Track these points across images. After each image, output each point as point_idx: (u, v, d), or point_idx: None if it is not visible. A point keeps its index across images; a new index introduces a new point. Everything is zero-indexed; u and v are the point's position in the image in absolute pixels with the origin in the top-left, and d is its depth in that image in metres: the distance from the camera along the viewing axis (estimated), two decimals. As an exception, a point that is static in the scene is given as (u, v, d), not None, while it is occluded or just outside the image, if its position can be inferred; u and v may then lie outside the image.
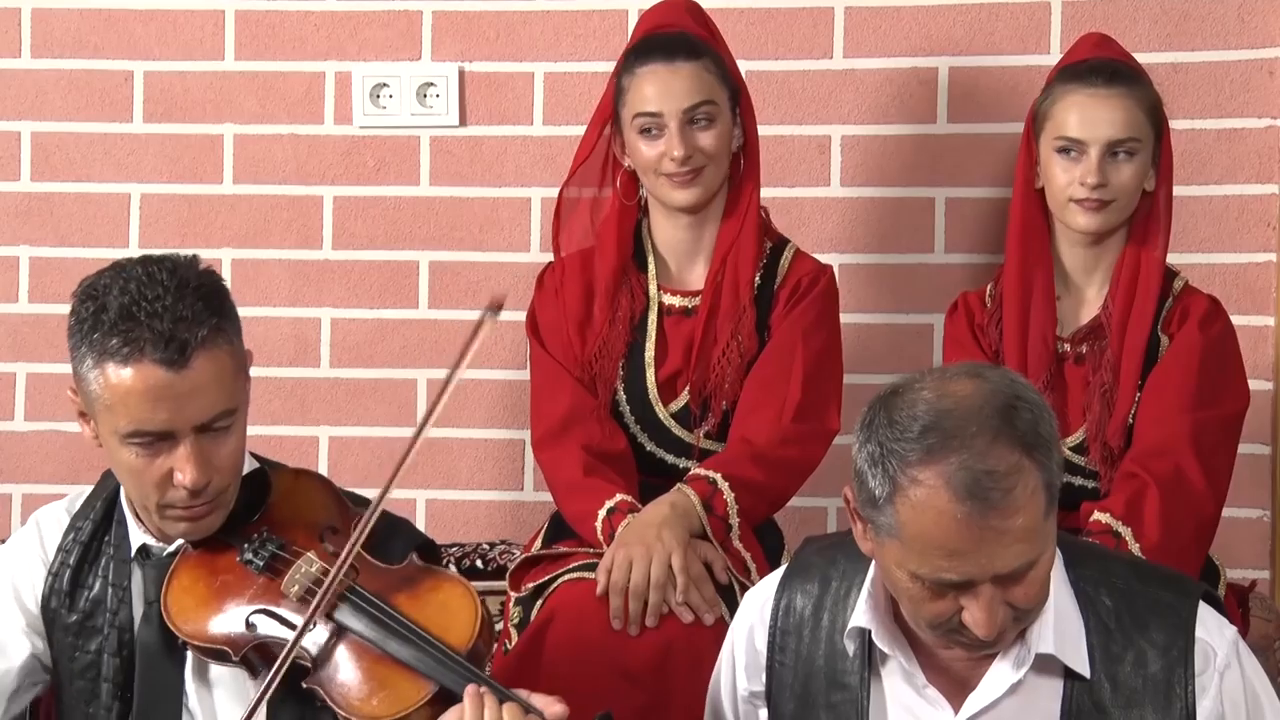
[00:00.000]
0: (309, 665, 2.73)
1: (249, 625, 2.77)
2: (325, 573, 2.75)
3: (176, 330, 2.67)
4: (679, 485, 3.44)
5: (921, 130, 4.13)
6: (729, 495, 3.42)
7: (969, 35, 4.11)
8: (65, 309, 4.08)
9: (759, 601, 2.78)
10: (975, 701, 2.54)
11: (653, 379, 3.60)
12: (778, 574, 2.80)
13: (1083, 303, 3.59)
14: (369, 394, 4.25)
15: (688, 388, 3.60)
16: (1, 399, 4.30)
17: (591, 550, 3.42)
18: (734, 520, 3.42)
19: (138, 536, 2.89)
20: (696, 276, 3.65)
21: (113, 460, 2.80)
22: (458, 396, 4.14)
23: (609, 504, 3.43)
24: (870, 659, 2.63)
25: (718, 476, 3.44)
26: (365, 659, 2.73)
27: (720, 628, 3.21)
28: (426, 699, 2.68)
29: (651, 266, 3.67)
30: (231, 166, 4.27)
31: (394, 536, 2.91)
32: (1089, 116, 3.48)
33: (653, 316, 3.64)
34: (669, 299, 3.65)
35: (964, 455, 2.34)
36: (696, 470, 3.48)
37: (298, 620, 2.72)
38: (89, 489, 3.02)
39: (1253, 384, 3.61)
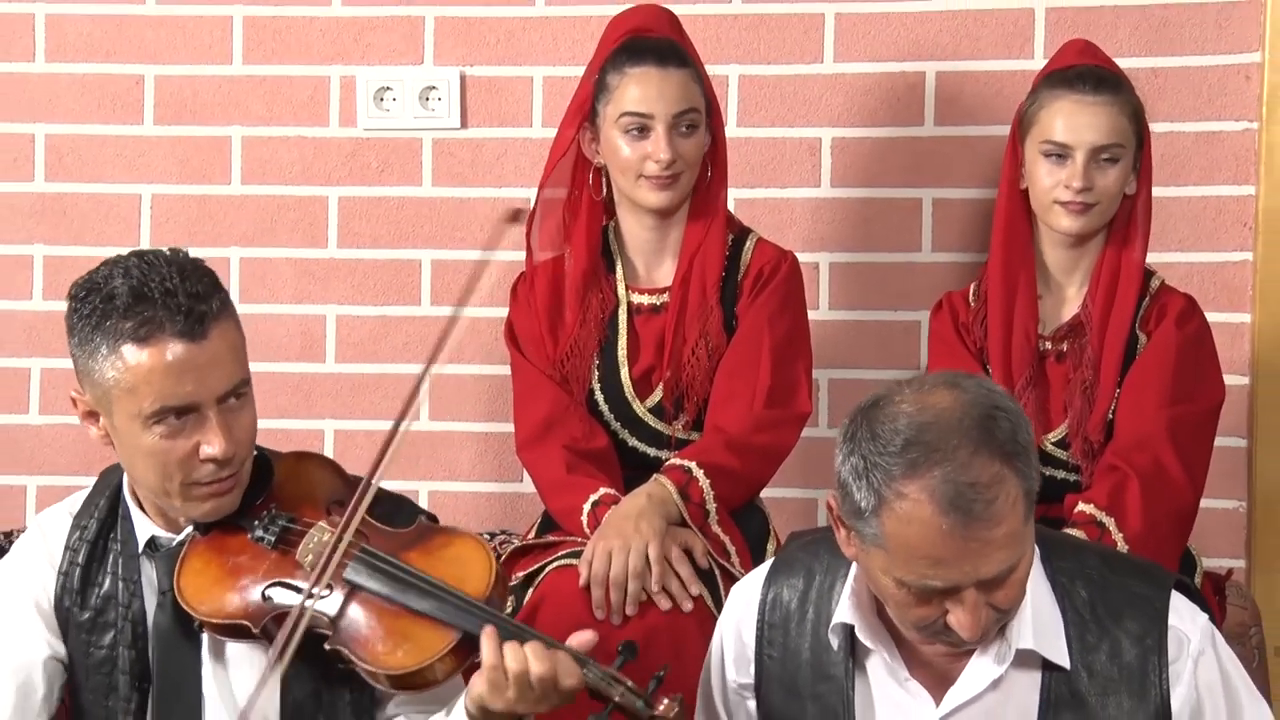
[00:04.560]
0: (328, 631, 2.72)
1: (265, 598, 2.75)
2: (339, 537, 2.73)
3: (193, 305, 2.67)
4: (656, 476, 3.45)
5: (909, 133, 4.13)
6: (704, 483, 3.43)
7: (955, 41, 4.11)
8: (77, 306, 4.21)
9: (746, 596, 2.79)
10: (956, 695, 2.56)
11: (627, 376, 3.61)
12: (764, 569, 2.80)
13: (1063, 301, 3.59)
14: (373, 388, 4.25)
15: (662, 384, 3.61)
16: (16, 393, 4.32)
17: (578, 539, 3.44)
18: (711, 506, 3.44)
19: (145, 529, 2.87)
20: (664, 274, 3.66)
21: (131, 450, 2.76)
22: (459, 391, 4.22)
23: (593, 498, 3.45)
24: (854, 652, 2.64)
25: (693, 465, 3.44)
26: (385, 615, 2.73)
27: (700, 611, 3.30)
28: (450, 646, 2.68)
29: (619, 267, 3.68)
30: (239, 167, 4.27)
31: (399, 509, 2.91)
32: (1075, 122, 3.49)
33: (623, 315, 3.65)
34: (637, 298, 3.65)
35: (946, 468, 2.34)
36: (673, 460, 3.49)
37: (316, 588, 2.72)
38: (81, 493, 3.02)
39: (1230, 379, 3.64)
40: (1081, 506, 3.36)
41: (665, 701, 2.61)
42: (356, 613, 2.73)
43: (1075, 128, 3.48)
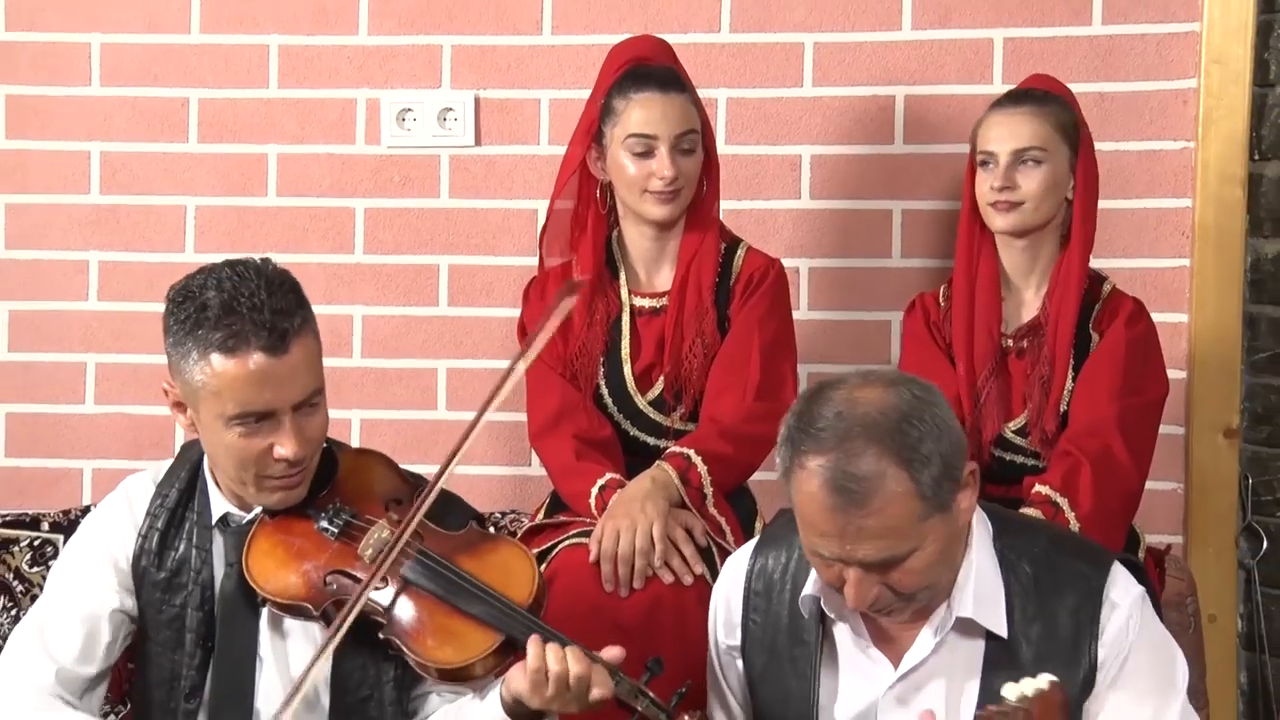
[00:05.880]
0: (383, 620, 2.77)
1: (327, 584, 2.80)
2: (398, 537, 2.75)
3: (276, 320, 2.70)
4: (658, 462, 3.48)
5: (881, 150, 4.16)
6: (702, 468, 3.46)
7: (922, 67, 4.15)
8: (130, 306, 4.15)
9: (735, 567, 2.85)
10: (910, 659, 2.63)
11: (630, 373, 3.64)
12: (753, 542, 2.86)
13: (1023, 303, 3.64)
14: (395, 382, 4.29)
15: (662, 379, 3.63)
16: (74, 385, 4.32)
17: (587, 520, 3.46)
18: (708, 490, 3.47)
19: (219, 505, 2.92)
20: (663, 279, 3.68)
21: (213, 442, 2.81)
22: (473, 384, 4.23)
23: (600, 482, 3.48)
24: (824, 620, 2.70)
25: (691, 452, 3.48)
26: (436, 613, 2.77)
27: (700, 585, 3.31)
28: (494, 647, 2.73)
29: (622, 274, 3.70)
30: (275, 181, 4.30)
31: (450, 508, 2.95)
32: (998, 132, 3.57)
33: (625, 318, 3.67)
34: (639, 301, 3.68)
35: (837, 455, 2.43)
36: (673, 448, 3.52)
37: (375, 581, 2.75)
38: (166, 461, 3.04)
39: (1169, 373, 3.66)
40: (1038, 488, 3.41)
41: (685, 717, 2.67)
42: (410, 608, 2.77)
43: (998, 136, 3.55)
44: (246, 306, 2.70)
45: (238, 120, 4.31)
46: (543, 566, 3.40)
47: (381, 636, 2.78)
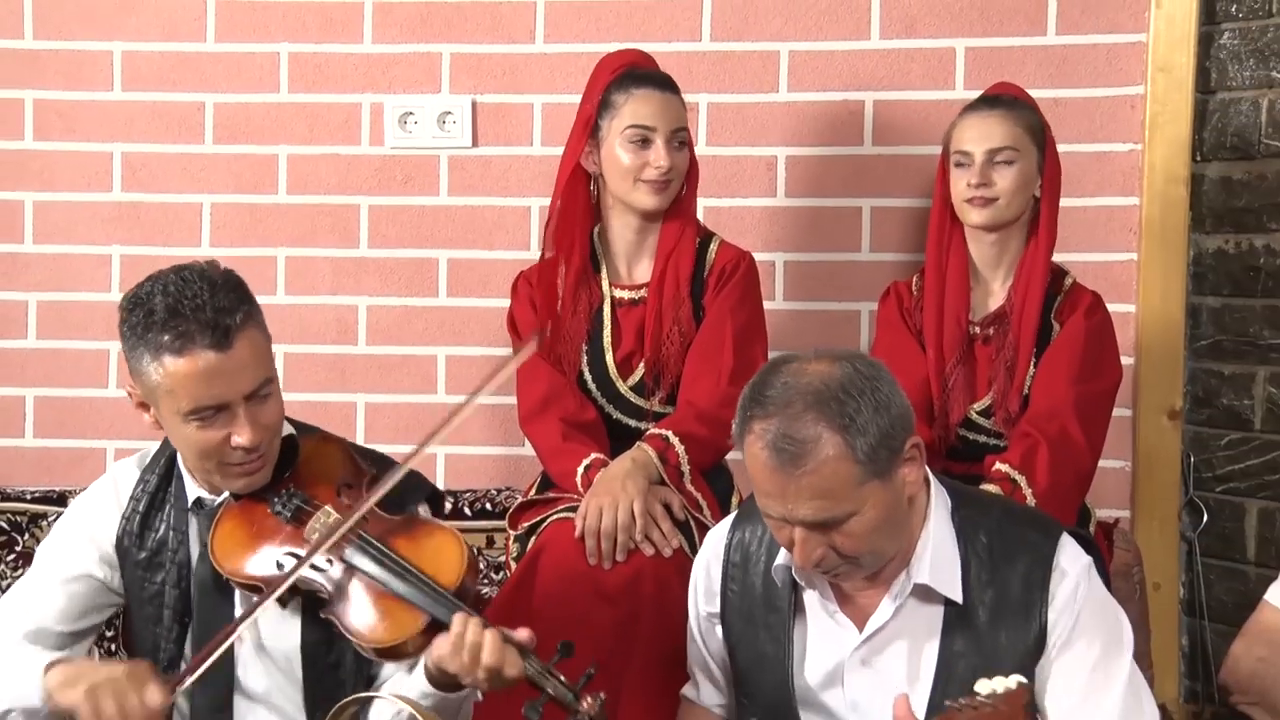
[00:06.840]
0: (327, 598, 2.82)
1: (279, 565, 2.84)
2: (339, 522, 2.82)
3: (219, 318, 2.73)
4: (638, 443, 3.54)
5: (851, 151, 4.22)
6: (680, 448, 3.52)
7: (890, 74, 4.21)
8: (151, 299, 4.20)
9: (715, 539, 2.93)
10: (873, 623, 2.72)
11: (612, 360, 3.69)
12: (731, 517, 2.94)
13: (990, 294, 3.71)
14: (398, 368, 4.34)
15: (642, 365, 3.68)
16: (98, 371, 4.38)
17: (574, 496, 3.51)
18: (685, 468, 3.52)
19: (193, 491, 2.98)
20: (642, 271, 3.73)
21: (175, 436, 2.88)
22: (470, 369, 4.27)
23: (585, 461, 3.53)
24: (796, 588, 2.78)
25: (669, 434, 3.54)
26: (371, 593, 2.80)
27: (679, 557, 3.38)
28: (421, 628, 2.76)
29: (604, 268, 3.75)
30: (285, 180, 4.35)
31: (404, 489, 2.94)
32: (973, 133, 3.64)
33: (607, 308, 3.72)
34: (620, 293, 3.73)
35: (778, 420, 2.53)
36: (652, 430, 3.58)
37: (319, 561, 2.82)
38: (153, 446, 3.11)
39: None
40: (998, 465, 3.47)
41: (589, 700, 2.69)
42: (348, 587, 2.81)
43: (973, 137, 3.62)
44: (190, 308, 2.74)
45: (250, 123, 4.36)
46: (532, 539, 3.53)
47: (322, 615, 2.83)
